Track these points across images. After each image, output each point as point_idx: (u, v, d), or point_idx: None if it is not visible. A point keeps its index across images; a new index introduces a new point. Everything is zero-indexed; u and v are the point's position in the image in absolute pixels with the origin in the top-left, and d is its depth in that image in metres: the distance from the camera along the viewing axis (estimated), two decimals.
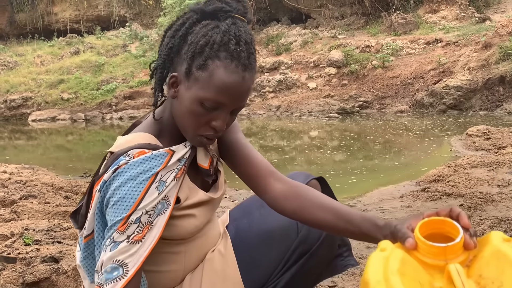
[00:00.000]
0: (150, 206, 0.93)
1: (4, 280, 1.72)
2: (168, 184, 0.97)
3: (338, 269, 1.27)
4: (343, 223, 0.99)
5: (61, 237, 2.27)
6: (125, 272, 0.90)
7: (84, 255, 1.06)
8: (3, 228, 2.36)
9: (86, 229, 1.01)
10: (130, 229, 0.91)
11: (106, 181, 0.94)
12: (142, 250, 0.93)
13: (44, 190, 3.51)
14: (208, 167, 1.13)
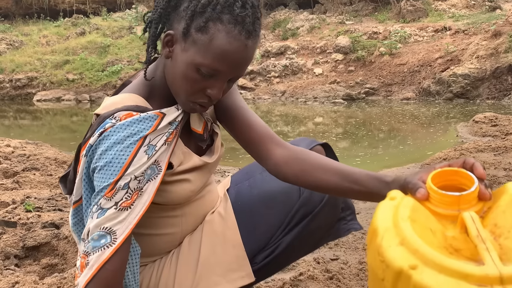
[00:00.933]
0: (139, 172, 0.88)
1: (4, 244, 1.71)
2: (158, 149, 0.91)
3: (340, 233, 1.24)
4: (348, 183, 0.94)
5: (62, 206, 2.26)
6: (113, 240, 0.86)
7: (74, 221, 1.02)
8: (4, 196, 2.34)
9: (74, 195, 0.96)
10: (118, 195, 0.86)
11: (92, 145, 0.88)
12: (131, 217, 0.88)
13: (47, 164, 3.50)
14: (202, 132, 1.07)
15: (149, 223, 1.06)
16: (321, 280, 1.64)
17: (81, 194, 0.96)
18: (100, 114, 0.94)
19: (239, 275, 1.12)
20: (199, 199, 1.14)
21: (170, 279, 1.10)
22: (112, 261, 0.85)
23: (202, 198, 1.15)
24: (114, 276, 0.86)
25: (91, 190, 0.93)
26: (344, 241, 2.07)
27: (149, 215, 1.03)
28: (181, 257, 1.12)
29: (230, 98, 1.12)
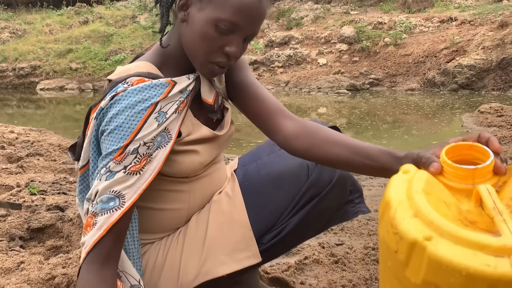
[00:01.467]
0: (149, 138, 0.88)
1: (9, 225, 1.71)
2: (168, 116, 0.92)
3: (348, 215, 1.23)
4: (359, 157, 0.93)
5: (66, 189, 2.26)
6: (122, 203, 0.86)
7: (80, 188, 1.03)
8: (9, 179, 2.34)
9: (81, 159, 0.97)
10: (127, 160, 0.87)
11: (103, 108, 0.89)
12: (140, 182, 0.89)
13: (51, 150, 3.50)
14: (212, 103, 1.07)
15: (157, 196, 1.06)
16: (326, 264, 1.64)
17: (88, 158, 0.96)
18: (112, 79, 0.95)
19: (245, 255, 1.11)
20: (207, 177, 1.13)
21: (176, 257, 1.10)
22: (121, 223, 0.86)
23: (210, 176, 1.15)
24: (121, 237, 0.88)
25: (98, 154, 0.93)
26: (349, 227, 2.06)
27: (157, 187, 1.04)
28: (188, 235, 1.11)
29: (242, 74, 1.13)
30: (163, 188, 1.07)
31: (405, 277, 0.61)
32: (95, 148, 0.94)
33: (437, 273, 0.57)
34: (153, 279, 1.09)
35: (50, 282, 1.26)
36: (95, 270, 0.84)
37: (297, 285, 1.48)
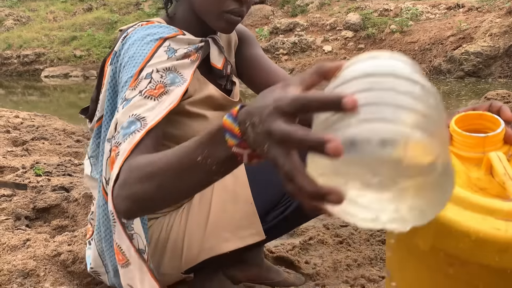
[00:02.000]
0: (161, 66, 0.89)
1: (15, 205, 1.72)
2: (178, 54, 0.93)
3: None
4: None
5: (71, 171, 2.26)
6: (144, 125, 0.81)
7: (95, 144, 1.05)
8: (14, 161, 2.35)
9: (98, 111, 1.01)
10: (142, 84, 0.86)
11: (117, 51, 0.94)
12: (161, 108, 0.85)
13: (56, 134, 3.50)
14: (221, 68, 1.08)
15: None
16: (331, 244, 1.63)
17: (105, 109, 0.98)
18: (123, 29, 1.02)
19: (249, 232, 1.10)
20: None
21: (180, 234, 1.10)
22: (144, 143, 0.80)
23: None
24: (148, 151, 0.79)
25: (113, 104, 0.96)
26: None
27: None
28: (192, 212, 1.11)
29: (253, 49, 1.16)
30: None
31: (414, 245, 0.61)
32: (111, 95, 0.96)
33: (446, 239, 0.56)
34: (156, 254, 1.09)
35: (55, 258, 1.27)
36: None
37: (302, 264, 1.48)
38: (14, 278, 1.15)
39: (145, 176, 0.70)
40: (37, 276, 1.18)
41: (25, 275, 1.17)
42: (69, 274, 1.26)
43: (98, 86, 1.02)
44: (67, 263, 1.27)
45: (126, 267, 0.91)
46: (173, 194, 0.70)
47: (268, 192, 1.13)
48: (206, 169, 0.61)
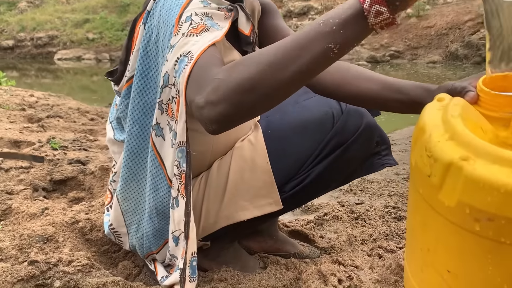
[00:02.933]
0: (199, 11, 0.87)
1: (32, 177, 1.74)
2: (212, 6, 0.91)
3: (374, 167, 1.20)
4: (390, 92, 0.91)
5: (87, 146, 2.28)
6: (190, 57, 0.79)
7: (123, 105, 1.05)
8: (30, 137, 2.38)
9: (129, 71, 1.00)
10: (184, 27, 0.84)
11: (149, 11, 0.93)
12: (205, 40, 0.81)
13: (70, 112, 3.53)
14: (249, 34, 1.06)
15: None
16: (346, 220, 1.63)
17: (135, 70, 0.99)
18: None
19: (267, 201, 1.10)
20: None
21: (198, 201, 1.10)
22: (198, 65, 0.77)
23: None
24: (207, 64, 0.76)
25: (144, 65, 0.96)
26: (369, 188, 2.04)
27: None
28: (210, 180, 1.11)
29: (274, 20, 1.15)
30: (190, 127, 1.06)
31: (438, 202, 0.60)
32: (142, 55, 0.95)
33: (474, 193, 0.55)
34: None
35: (74, 226, 1.29)
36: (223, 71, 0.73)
37: (316, 238, 1.48)
38: (34, 242, 1.17)
39: (251, 63, 0.68)
40: (56, 242, 1.20)
41: (44, 240, 1.19)
42: (87, 241, 1.28)
43: (128, 48, 1.01)
44: (85, 231, 1.29)
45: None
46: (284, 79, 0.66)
47: (286, 162, 1.12)
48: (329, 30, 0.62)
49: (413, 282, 0.75)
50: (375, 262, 0.99)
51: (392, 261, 0.91)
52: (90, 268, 1.10)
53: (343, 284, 0.89)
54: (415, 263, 0.73)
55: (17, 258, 1.11)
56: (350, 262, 0.97)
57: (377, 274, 0.92)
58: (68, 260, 1.11)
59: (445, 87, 0.78)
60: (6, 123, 2.74)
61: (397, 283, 0.84)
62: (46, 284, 1.02)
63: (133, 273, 1.18)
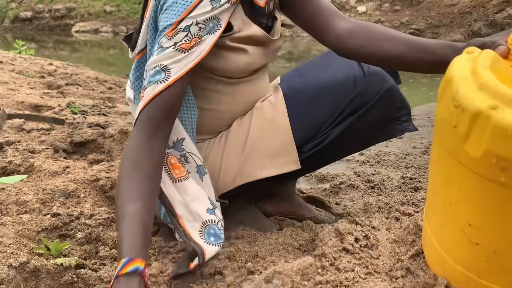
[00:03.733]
0: (201, 18, 0.90)
1: (53, 138, 1.77)
2: (222, 4, 0.92)
3: (394, 133, 1.19)
4: (416, 52, 0.90)
5: (106, 112, 2.30)
6: (167, 76, 0.89)
7: (136, 75, 1.07)
8: (50, 101, 2.41)
9: (139, 44, 1.01)
10: (178, 36, 0.89)
11: None
12: (188, 60, 0.91)
13: (88, 81, 3.56)
14: (263, 5, 1.06)
15: (202, 96, 1.07)
16: (362, 188, 1.63)
17: (146, 42, 0.99)
18: None
19: (285, 160, 1.11)
20: (250, 82, 1.13)
21: (217, 160, 1.11)
22: (164, 95, 0.88)
23: (254, 83, 1.14)
24: (170, 103, 0.89)
25: (155, 38, 0.96)
26: (386, 160, 2.03)
27: (203, 85, 1.06)
28: (230, 139, 1.12)
29: None
30: (208, 87, 1.08)
31: (464, 153, 0.59)
32: (152, 32, 0.97)
33: (501, 142, 0.54)
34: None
35: (94, 183, 1.31)
36: (142, 140, 0.87)
37: (332, 205, 1.49)
38: (57, 197, 1.20)
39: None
40: (78, 197, 1.22)
41: (66, 196, 1.22)
42: (107, 199, 1.30)
43: (142, 17, 1.02)
44: (105, 189, 1.31)
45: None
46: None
47: (306, 123, 1.12)
48: None
49: (432, 239, 0.75)
50: (392, 224, 0.99)
51: (410, 222, 0.91)
52: (111, 222, 1.12)
53: (360, 243, 0.90)
54: (435, 219, 0.73)
55: (41, 211, 1.14)
56: (367, 222, 0.98)
57: (394, 235, 0.92)
58: (90, 214, 1.13)
59: (474, 43, 0.76)
60: (26, 89, 2.77)
61: (415, 243, 0.85)
62: (69, 235, 1.05)
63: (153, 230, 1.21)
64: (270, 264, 0.92)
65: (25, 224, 1.02)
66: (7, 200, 1.14)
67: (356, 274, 0.80)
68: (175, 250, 1.02)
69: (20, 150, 1.55)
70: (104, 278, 0.91)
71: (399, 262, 0.82)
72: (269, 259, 0.95)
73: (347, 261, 0.84)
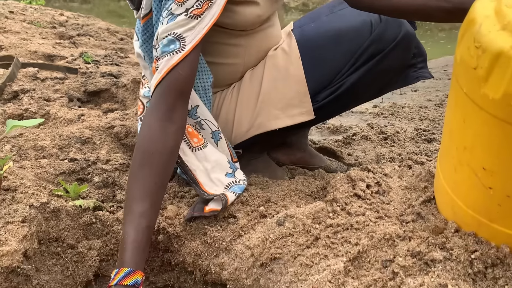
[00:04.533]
0: None
1: (67, 87, 1.78)
2: None
3: (409, 80, 1.17)
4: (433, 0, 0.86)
5: (118, 62, 2.29)
6: (182, 46, 0.87)
7: (144, 38, 1.04)
8: (63, 51, 2.40)
9: (144, 8, 0.98)
10: (189, 2, 0.87)
11: None
12: (201, 26, 0.89)
13: (100, 32, 3.52)
14: None
15: (215, 50, 1.06)
16: (374, 140, 1.63)
17: (151, 6, 0.96)
18: None
19: (299, 111, 1.10)
20: (262, 32, 1.11)
21: (230, 111, 1.11)
22: (181, 66, 0.86)
23: (265, 31, 1.12)
24: (184, 81, 0.87)
25: (160, 4, 0.94)
26: (399, 112, 2.01)
27: (215, 40, 1.04)
28: (242, 90, 1.11)
29: None
30: (221, 41, 1.06)
31: (482, 95, 0.58)
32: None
33: None
34: None
35: (109, 130, 1.33)
36: (156, 121, 0.85)
37: (344, 155, 1.49)
38: (73, 143, 1.22)
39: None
40: (94, 144, 1.25)
41: (82, 142, 1.24)
42: (123, 146, 1.32)
43: None
44: (120, 136, 1.33)
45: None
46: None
47: (320, 71, 1.10)
48: None
49: (445, 184, 0.75)
50: (404, 171, 1.00)
51: (422, 169, 0.92)
52: (127, 168, 1.15)
53: (371, 189, 0.91)
54: (449, 164, 0.73)
55: (58, 156, 1.17)
56: (379, 170, 0.98)
57: (406, 182, 0.93)
58: (106, 159, 1.16)
59: None
60: (38, 39, 2.76)
61: (426, 189, 0.85)
62: (86, 179, 1.08)
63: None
64: (282, 209, 0.94)
65: (43, 167, 1.05)
66: (25, 145, 1.17)
67: (367, 218, 0.82)
68: (190, 195, 1.04)
69: (36, 98, 1.56)
70: (121, 220, 0.94)
71: (410, 208, 0.83)
72: (281, 204, 0.97)
73: (358, 206, 0.86)
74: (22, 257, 0.77)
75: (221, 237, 0.89)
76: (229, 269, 0.85)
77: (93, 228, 0.93)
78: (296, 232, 0.84)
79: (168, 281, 0.96)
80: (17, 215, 0.81)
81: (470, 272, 0.67)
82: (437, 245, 0.71)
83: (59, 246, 0.88)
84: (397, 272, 0.68)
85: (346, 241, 0.78)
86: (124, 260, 0.74)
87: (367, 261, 0.72)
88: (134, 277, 0.73)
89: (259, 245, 0.84)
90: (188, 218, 0.93)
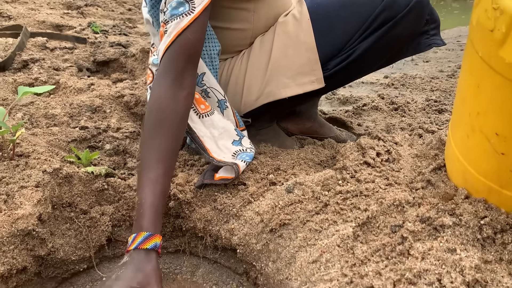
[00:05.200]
0: None
1: (76, 57, 1.77)
2: None
3: (421, 47, 1.15)
4: None
5: (127, 32, 2.28)
6: (192, 8, 0.86)
7: (152, 3, 1.03)
8: (71, 21, 2.38)
9: None
10: None
11: None
12: None
13: (108, 2, 3.48)
14: None
15: (223, 14, 1.04)
16: (385, 110, 1.61)
17: None
18: None
19: (309, 79, 1.09)
20: None
21: (240, 79, 1.10)
22: (191, 30, 0.85)
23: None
24: (194, 45, 0.86)
25: None
26: (411, 83, 1.99)
27: (223, 4, 1.02)
28: (252, 57, 1.10)
29: None
30: (229, 5, 1.04)
31: (499, 58, 0.57)
32: None
33: None
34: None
35: (119, 99, 1.33)
36: (166, 87, 0.84)
37: (354, 125, 1.48)
38: (84, 111, 1.23)
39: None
40: (104, 112, 1.25)
41: (93, 110, 1.24)
42: (132, 115, 1.33)
43: None
44: (130, 105, 1.33)
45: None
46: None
47: (331, 38, 1.08)
48: None
49: (456, 151, 0.75)
50: (415, 140, 0.99)
51: (433, 138, 0.91)
52: (137, 136, 1.15)
53: (381, 157, 0.91)
54: (461, 130, 0.72)
55: (69, 124, 1.18)
56: (389, 138, 0.98)
57: (417, 150, 0.92)
58: (117, 127, 1.16)
59: None
60: (46, 9, 2.74)
61: (437, 157, 0.85)
62: (97, 146, 1.09)
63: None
64: (291, 176, 0.95)
65: (55, 135, 1.06)
66: (37, 113, 1.17)
67: (377, 185, 0.82)
68: (200, 163, 1.05)
69: (45, 68, 1.56)
70: (133, 186, 0.95)
71: (420, 175, 0.83)
72: (290, 172, 0.98)
73: (368, 173, 0.86)
74: (37, 220, 0.79)
75: (231, 203, 0.90)
76: (239, 235, 0.87)
77: (105, 194, 0.94)
78: (305, 199, 0.84)
79: (179, 246, 0.98)
80: (31, 180, 0.83)
81: (479, 237, 0.67)
82: (447, 211, 0.71)
83: (72, 211, 0.90)
84: (406, 237, 0.68)
85: (355, 207, 0.79)
86: (142, 224, 0.75)
87: (376, 226, 0.73)
88: (153, 240, 0.74)
89: (268, 211, 0.84)
90: (199, 185, 0.94)
